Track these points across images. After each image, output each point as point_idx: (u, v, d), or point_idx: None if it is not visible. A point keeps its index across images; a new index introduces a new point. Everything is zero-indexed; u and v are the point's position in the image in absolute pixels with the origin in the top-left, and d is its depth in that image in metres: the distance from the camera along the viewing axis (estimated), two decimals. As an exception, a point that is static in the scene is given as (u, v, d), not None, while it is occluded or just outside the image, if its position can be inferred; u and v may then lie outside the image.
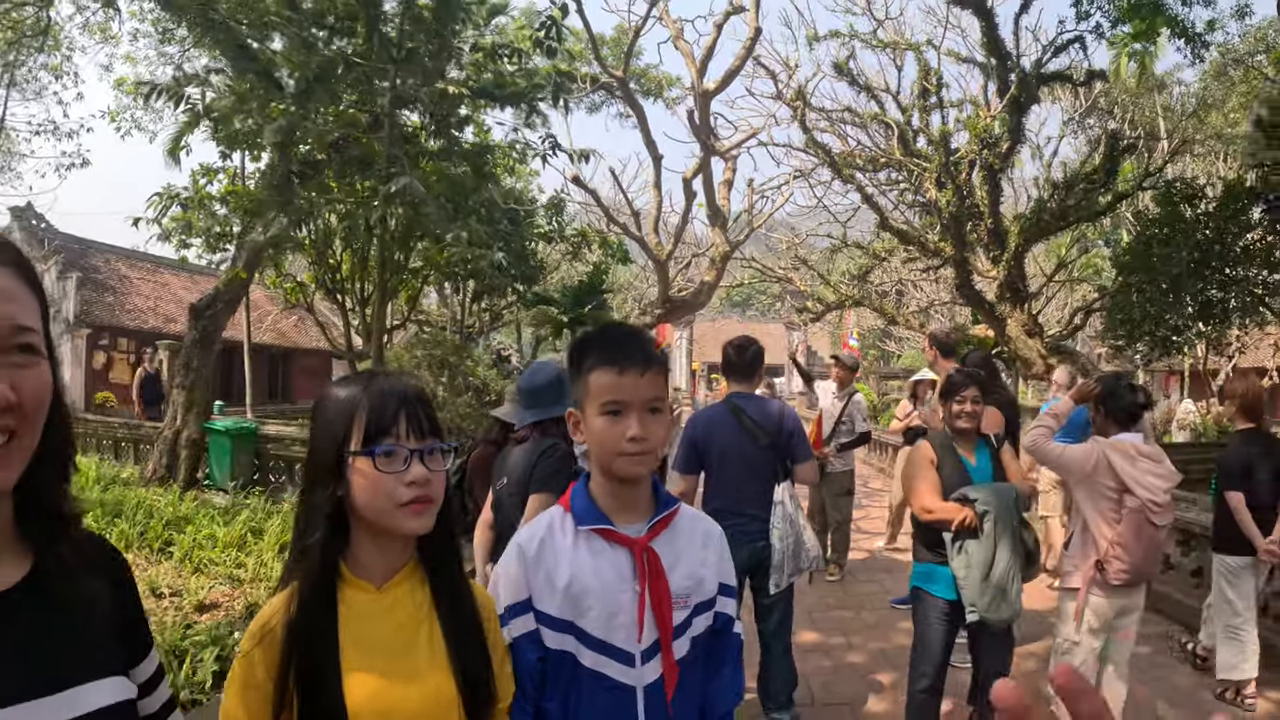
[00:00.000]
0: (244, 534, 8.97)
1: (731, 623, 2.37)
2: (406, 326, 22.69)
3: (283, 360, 31.17)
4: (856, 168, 17.98)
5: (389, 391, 1.76)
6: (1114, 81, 29.72)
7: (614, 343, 2.15)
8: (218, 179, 15.17)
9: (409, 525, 1.72)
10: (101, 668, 1.23)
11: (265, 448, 13.31)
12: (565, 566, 2.11)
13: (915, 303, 29.72)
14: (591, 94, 20.11)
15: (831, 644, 7.40)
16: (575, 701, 2.09)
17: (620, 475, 2.13)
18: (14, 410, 1.08)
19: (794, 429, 5.39)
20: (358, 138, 10.86)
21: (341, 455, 1.72)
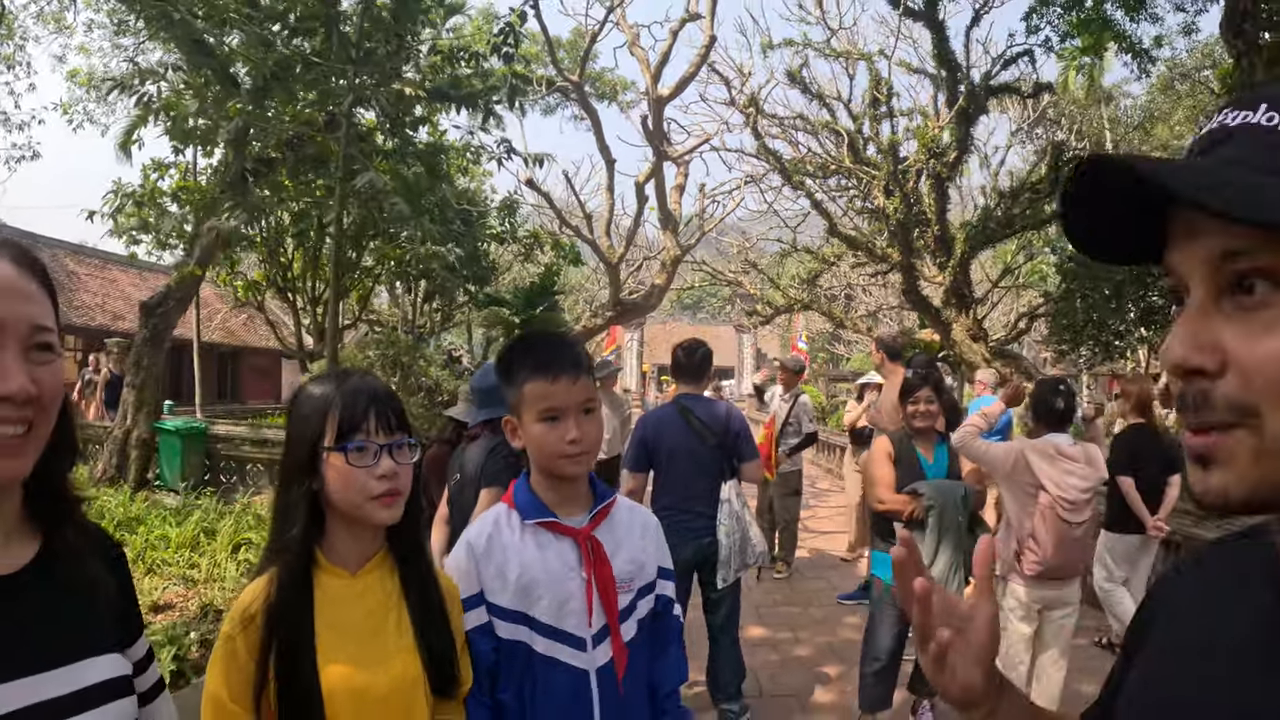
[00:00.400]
0: (196, 535, 8.92)
1: (671, 604, 2.51)
2: (358, 326, 22.63)
3: (232, 359, 30.81)
4: (807, 174, 18.21)
5: (359, 390, 1.87)
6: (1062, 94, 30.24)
7: (544, 352, 2.26)
8: (169, 174, 15.07)
9: (380, 516, 1.84)
10: (102, 645, 1.33)
11: (216, 448, 13.21)
12: (514, 560, 2.23)
13: (864, 307, 30.06)
14: (547, 96, 20.15)
15: (779, 639, 7.55)
16: (531, 689, 2.20)
17: (562, 475, 2.26)
18: (34, 403, 1.18)
19: (740, 429, 5.55)
20: (313, 136, 10.87)
21: (316, 451, 1.83)
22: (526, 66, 14.62)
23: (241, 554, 8.56)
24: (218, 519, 9.51)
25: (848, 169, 17.02)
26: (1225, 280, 0.73)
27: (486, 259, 18.30)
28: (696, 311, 69.08)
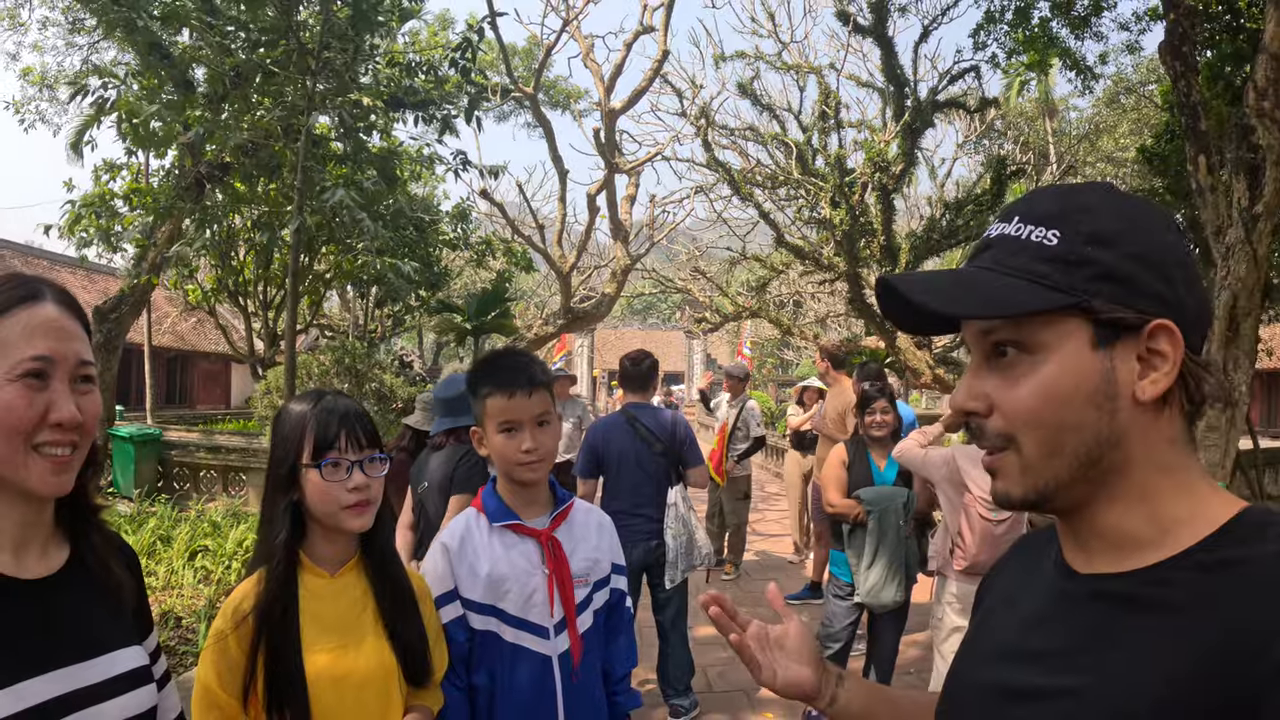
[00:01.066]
0: (153, 542, 8.92)
1: (624, 597, 2.83)
2: (309, 331, 22.56)
3: (182, 364, 30.51)
4: (756, 184, 18.39)
5: (333, 410, 2.09)
6: (1008, 108, 30.71)
7: (503, 370, 2.57)
8: (121, 175, 14.93)
9: (352, 524, 2.08)
10: (127, 638, 1.54)
11: (169, 454, 13.14)
12: (484, 558, 2.52)
13: (812, 314, 30.27)
14: (502, 104, 20.21)
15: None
16: (501, 671, 2.51)
17: (520, 481, 2.56)
18: (79, 428, 1.39)
19: (686, 436, 5.78)
20: (269, 144, 10.90)
21: (295, 466, 2.06)
22: (482, 75, 14.71)
23: (198, 561, 8.60)
24: (173, 526, 9.50)
25: (796, 180, 17.21)
26: (988, 348, 1.04)
27: (439, 265, 18.33)
28: (647, 316, 69.08)
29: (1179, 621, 0.89)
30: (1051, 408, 0.98)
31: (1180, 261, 0.99)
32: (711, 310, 23.53)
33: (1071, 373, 0.98)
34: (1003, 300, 0.99)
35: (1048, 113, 33.16)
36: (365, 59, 10.77)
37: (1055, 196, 1.04)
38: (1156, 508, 0.98)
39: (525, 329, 17.57)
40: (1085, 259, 0.97)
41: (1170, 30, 9.28)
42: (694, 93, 18.78)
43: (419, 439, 5.40)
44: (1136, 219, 1.00)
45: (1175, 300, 0.97)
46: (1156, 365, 0.96)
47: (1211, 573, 0.90)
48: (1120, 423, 0.97)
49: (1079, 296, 0.96)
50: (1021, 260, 1.00)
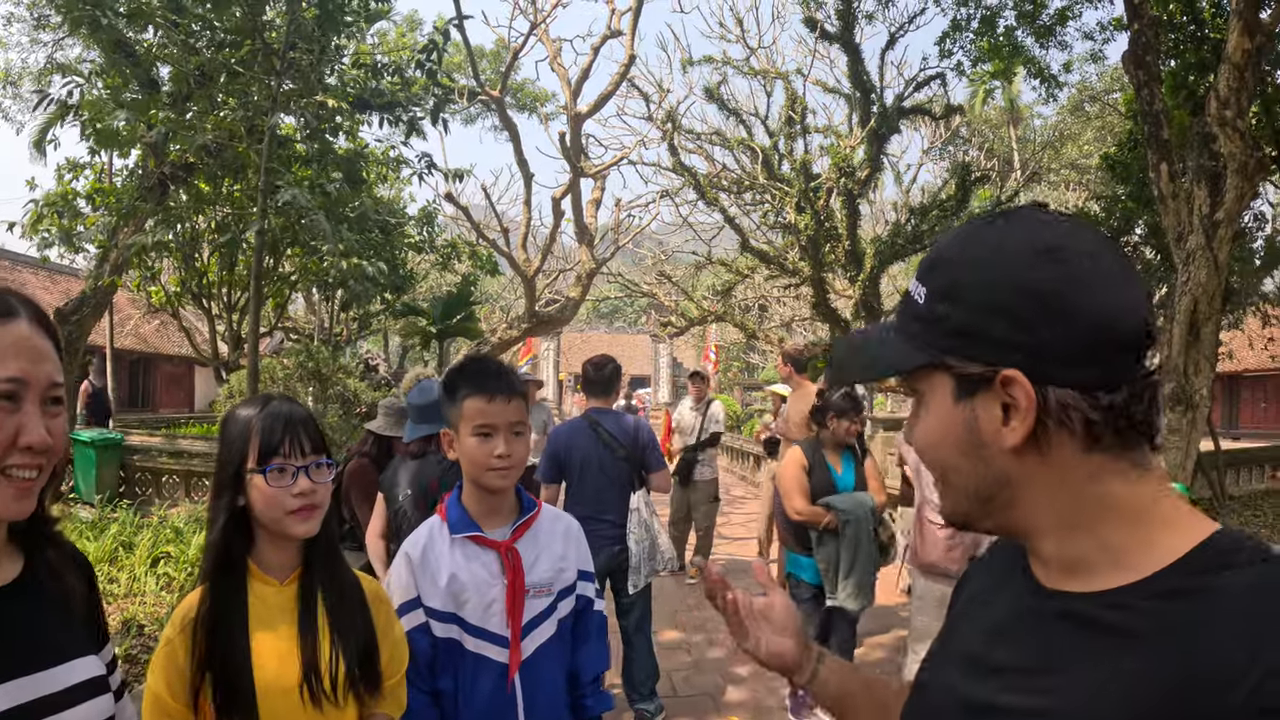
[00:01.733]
0: (115, 548, 8.80)
1: (592, 603, 2.83)
2: (273, 333, 22.41)
3: (144, 367, 30.22)
4: (722, 189, 18.44)
5: (278, 415, 2.07)
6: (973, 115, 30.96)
7: (485, 374, 2.58)
8: (84, 175, 14.78)
9: (297, 529, 2.04)
10: (82, 649, 1.52)
11: (131, 459, 12.95)
12: (445, 568, 2.53)
13: (778, 318, 30.39)
14: (469, 107, 20.16)
15: (693, 641, 7.77)
16: (463, 678, 2.53)
17: (489, 488, 2.56)
18: (48, 451, 1.37)
19: (648, 441, 5.79)
20: (233, 145, 10.81)
21: (241, 471, 2.04)
22: (448, 78, 14.66)
23: (160, 567, 8.50)
24: (135, 532, 9.37)
25: (762, 185, 17.29)
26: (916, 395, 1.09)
27: (404, 268, 18.26)
28: (613, 320, 69.12)
29: (1143, 648, 0.88)
30: (931, 448, 1.07)
31: (1039, 295, 0.94)
32: (677, 314, 23.57)
33: (940, 422, 1.03)
34: (877, 364, 1.10)
35: (1012, 120, 33.48)
36: (331, 60, 10.70)
37: (939, 245, 1.06)
38: (1102, 537, 0.96)
39: (490, 332, 17.53)
40: (937, 316, 1.00)
41: (1134, 40, 9.39)
42: (661, 97, 18.85)
43: (382, 444, 5.34)
44: (985, 264, 0.97)
45: (1028, 342, 0.94)
46: (1015, 412, 0.96)
47: (1173, 601, 0.88)
48: (999, 467, 0.99)
49: (934, 355, 1.01)
50: (906, 317, 1.07)
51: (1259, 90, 10.18)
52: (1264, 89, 11.77)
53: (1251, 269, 14.53)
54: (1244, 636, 0.81)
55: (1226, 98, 8.24)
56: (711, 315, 22.31)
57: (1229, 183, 8.47)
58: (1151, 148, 9.28)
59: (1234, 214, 8.65)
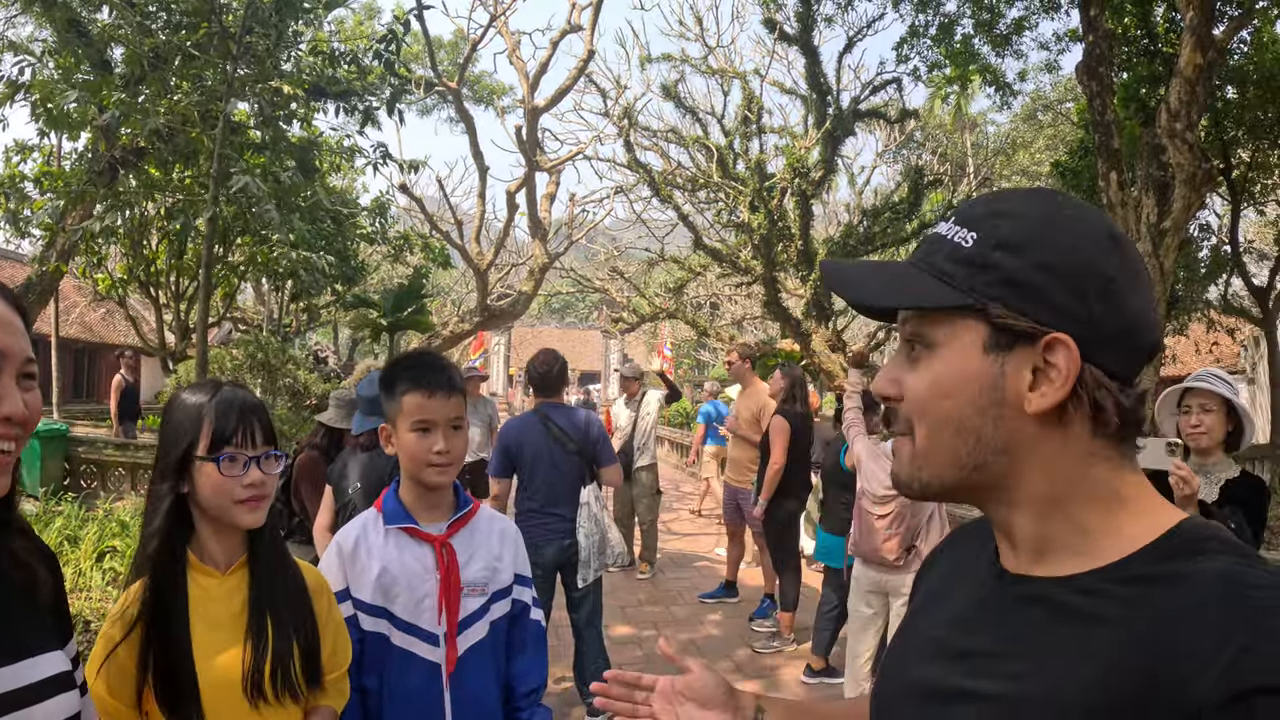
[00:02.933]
0: (60, 543, 8.61)
1: (528, 609, 2.78)
2: (222, 324, 22.16)
3: (90, 356, 29.71)
4: (676, 186, 18.47)
5: (232, 402, 2.03)
6: (928, 120, 31.19)
7: (424, 369, 2.55)
8: (32, 158, 14.50)
9: (246, 519, 2.01)
10: (49, 643, 1.48)
11: (76, 451, 12.68)
12: (376, 560, 2.50)
13: (729, 315, 30.49)
14: (425, 98, 20.04)
15: (644, 636, 7.80)
16: (390, 676, 2.50)
17: (427, 483, 2.54)
18: (24, 424, 1.34)
19: (599, 436, 5.80)
20: (186, 129, 10.65)
21: (188, 457, 1.99)
22: (406, 68, 14.54)
23: (107, 562, 8.33)
24: (80, 526, 9.17)
25: (716, 183, 17.34)
26: (905, 338, 1.06)
27: (355, 259, 18.11)
28: (565, 315, 69.02)
29: (1113, 633, 0.88)
30: (936, 400, 1.00)
31: (1104, 276, 0.96)
32: (629, 311, 23.59)
33: (958, 370, 0.99)
34: (903, 292, 1.03)
35: (967, 126, 33.76)
36: (288, 46, 10.57)
37: (986, 200, 1.05)
38: (1076, 518, 0.98)
39: (441, 326, 17.44)
40: (990, 263, 0.97)
41: (1088, 52, 9.52)
42: (618, 93, 18.82)
43: (332, 437, 5.30)
44: (1060, 229, 0.98)
45: (1083, 315, 0.95)
46: (1050, 378, 0.95)
47: (1139, 587, 0.90)
48: (1006, 430, 0.98)
49: (975, 299, 0.97)
50: (938, 258, 1.02)
51: (1209, 104, 10.36)
52: (1214, 103, 11.99)
53: (1197, 277, 14.80)
54: (1215, 622, 0.82)
55: (1177, 110, 8.37)
56: (663, 312, 22.34)
57: (1176, 193, 8.61)
58: (1102, 157, 9.41)
59: (1180, 223, 8.79)
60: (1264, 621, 0.80)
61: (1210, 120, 12.68)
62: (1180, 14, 8.63)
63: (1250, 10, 9.29)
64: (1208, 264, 15.28)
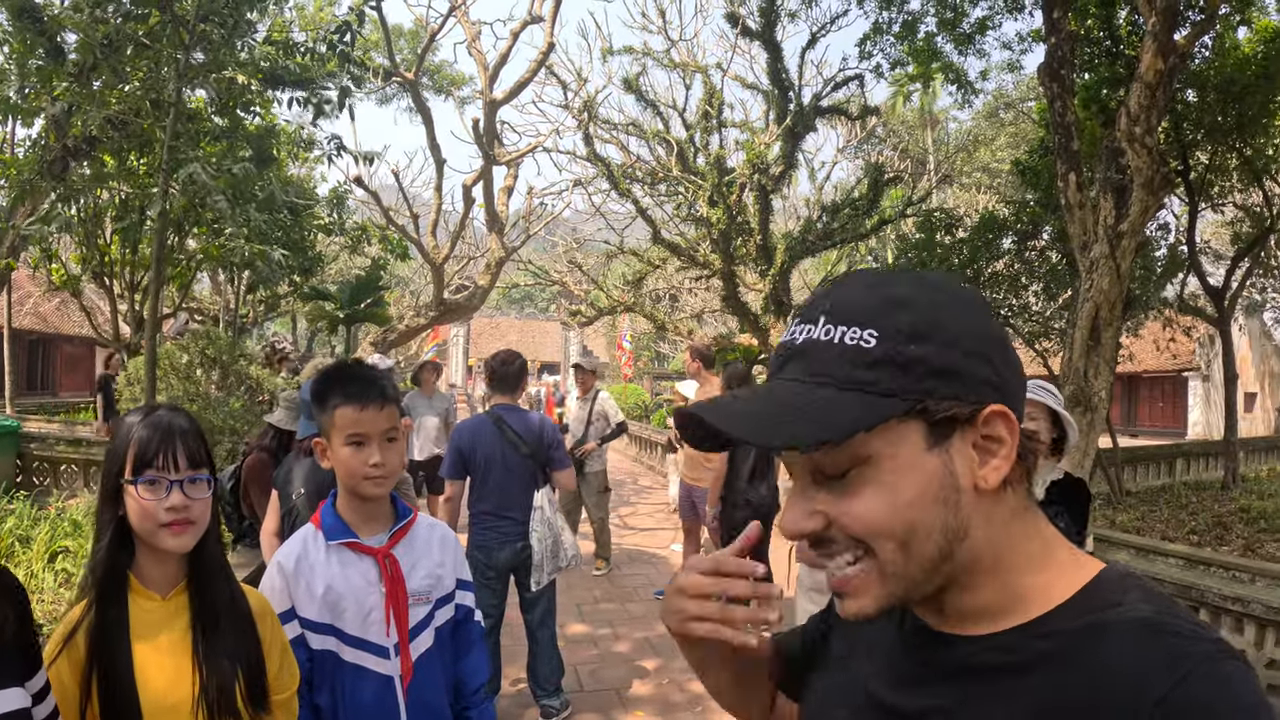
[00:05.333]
0: (10, 544, 8.48)
1: (471, 613, 2.81)
2: (177, 314, 21.91)
3: (43, 348, 29.26)
4: (636, 180, 18.47)
5: (157, 425, 2.00)
6: (891, 116, 31.37)
7: (355, 382, 2.54)
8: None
9: (169, 543, 1.97)
10: (8, 678, 1.43)
11: (28, 448, 12.44)
12: (320, 577, 2.49)
13: (688, 309, 30.56)
14: (384, 88, 19.89)
15: (599, 635, 7.81)
16: (342, 693, 2.48)
17: (364, 496, 2.53)
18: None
19: (553, 440, 5.80)
20: (139, 118, 10.48)
21: (119, 481, 1.97)
22: (365, 55, 14.41)
23: (59, 563, 8.21)
24: (32, 526, 9.04)
25: (676, 177, 17.35)
26: (813, 468, 0.98)
27: (312, 250, 17.94)
28: (523, 307, 69.04)
29: (1035, 685, 0.90)
30: (898, 513, 0.94)
31: (997, 339, 0.98)
32: (587, 303, 23.59)
33: (911, 477, 0.94)
34: (834, 421, 0.91)
35: (928, 123, 34.01)
36: (244, 34, 10.43)
37: (863, 292, 0.98)
38: (1007, 581, 0.98)
39: (398, 319, 17.34)
40: (910, 358, 0.92)
41: (1050, 54, 9.58)
42: (579, 85, 18.75)
43: (282, 438, 5.21)
44: (949, 306, 0.97)
45: (997, 380, 0.95)
46: (994, 450, 0.95)
47: (1064, 640, 0.92)
48: (965, 513, 0.95)
49: (911, 401, 0.92)
50: (840, 369, 0.94)
51: (1169, 108, 10.44)
52: (1175, 106, 12.10)
53: (1154, 277, 14.95)
54: (1133, 673, 0.85)
55: (1137, 115, 8.42)
56: (622, 305, 22.32)
57: (1134, 196, 8.67)
58: (1061, 159, 9.47)
59: (1138, 226, 8.85)
60: (1180, 670, 0.83)
61: (1170, 123, 12.81)
62: (1143, 19, 8.67)
63: (1212, 16, 9.36)
64: (1165, 263, 15.45)
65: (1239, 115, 12.94)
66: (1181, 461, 18.45)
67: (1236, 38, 13.18)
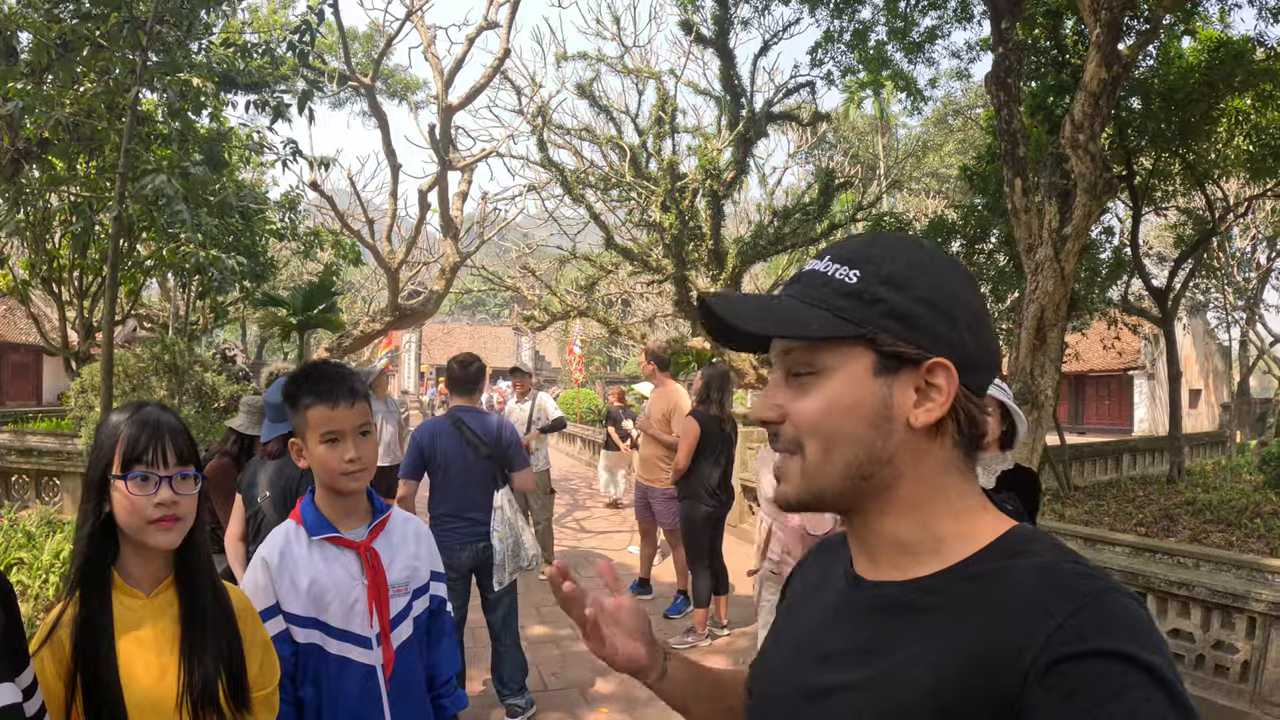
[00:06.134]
0: (-38, 558, 8.41)
1: (444, 604, 2.91)
2: (127, 321, 21.62)
3: (-11, 355, 28.83)
4: (589, 185, 18.50)
5: (146, 422, 2.03)
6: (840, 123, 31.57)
7: (325, 381, 2.61)
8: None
9: (157, 540, 2.00)
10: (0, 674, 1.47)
11: None
12: (304, 572, 2.55)
13: (641, 313, 30.59)
14: (339, 92, 19.77)
15: (560, 635, 7.83)
16: (327, 684, 2.55)
17: (343, 491, 2.60)
18: None
19: (511, 440, 5.85)
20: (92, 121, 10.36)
21: (106, 477, 2.00)
22: (320, 59, 14.33)
23: (14, 575, 8.03)
24: (-21, 535, 8.95)
25: (629, 183, 17.39)
26: (786, 367, 1.16)
27: (264, 256, 17.80)
28: (476, 313, 68.73)
29: (947, 624, 1.02)
30: (831, 418, 1.11)
31: (972, 311, 1.12)
32: (540, 308, 23.60)
33: (851, 392, 1.10)
34: (800, 324, 1.11)
35: (879, 129, 34.30)
36: (199, 35, 10.36)
37: (862, 242, 1.17)
38: (929, 522, 1.11)
39: (352, 324, 17.25)
40: (878, 297, 1.09)
41: (997, 63, 9.74)
42: (534, 91, 18.75)
43: (243, 443, 5.23)
44: (933, 269, 1.13)
45: (957, 342, 1.09)
46: (932, 396, 1.09)
47: (975, 582, 1.04)
48: (893, 443, 1.10)
49: (866, 329, 1.08)
50: (823, 293, 1.12)
51: (1113, 114, 10.65)
52: (1119, 113, 12.34)
53: (1099, 279, 15.23)
54: (1035, 608, 0.96)
55: (1081, 122, 8.59)
56: (574, 310, 22.34)
57: (1078, 200, 8.83)
58: (1008, 164, 9.64)
59: (1081, 230, 9.03)
60: (1077, 601, 0.94)
61: (1114, 130, 13.08)
62: (1088, 29, 8.86)
63: (1156, 27, 9.57)
64: (1110, 265, 15.75)
65: (1182, 122, 13.26)
66: (1128, 457, 18.85)
67: (1180, 47, 13.48)
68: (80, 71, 10.26)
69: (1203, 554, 6.36)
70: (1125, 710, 0.87)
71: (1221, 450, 24.29)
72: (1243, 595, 5.78)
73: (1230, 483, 16.50)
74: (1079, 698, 0.88)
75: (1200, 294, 25.96)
